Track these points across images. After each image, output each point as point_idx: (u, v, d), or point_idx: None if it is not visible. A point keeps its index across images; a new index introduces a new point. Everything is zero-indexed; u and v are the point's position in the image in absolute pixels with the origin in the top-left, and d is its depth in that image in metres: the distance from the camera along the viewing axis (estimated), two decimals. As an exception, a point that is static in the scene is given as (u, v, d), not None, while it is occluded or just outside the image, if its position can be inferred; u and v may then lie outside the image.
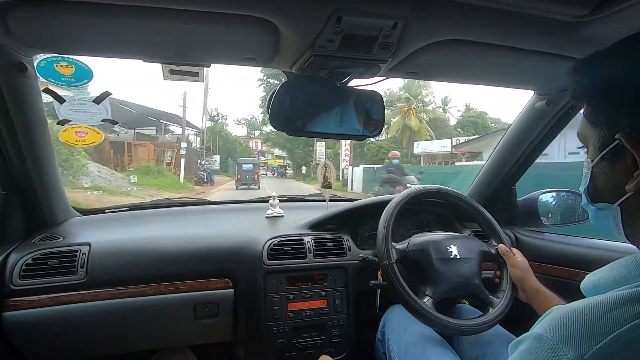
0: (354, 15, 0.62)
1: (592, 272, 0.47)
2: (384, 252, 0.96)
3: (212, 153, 26.38)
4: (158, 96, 57.67)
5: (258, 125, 37.50)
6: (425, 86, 26.13)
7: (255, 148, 40.66)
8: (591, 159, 0.47)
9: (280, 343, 1.10)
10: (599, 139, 0.45)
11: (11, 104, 0.88)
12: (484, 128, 25.60)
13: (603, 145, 0.45)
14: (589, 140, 0.48)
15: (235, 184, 14.44)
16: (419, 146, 21.50)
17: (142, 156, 15.61)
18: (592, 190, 0.49)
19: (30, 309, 0.96)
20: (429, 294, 0.94)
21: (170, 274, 1.08)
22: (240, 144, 36.11)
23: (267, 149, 41.04)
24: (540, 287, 0.92)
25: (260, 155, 37.20)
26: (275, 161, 36.87)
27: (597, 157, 0.46)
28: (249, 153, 33.92)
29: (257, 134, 40.36)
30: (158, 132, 20.08)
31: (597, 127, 0.46)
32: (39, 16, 0.64)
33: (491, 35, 0.73)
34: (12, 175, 1.01)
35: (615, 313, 0.36)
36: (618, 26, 0.62)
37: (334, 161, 17.75)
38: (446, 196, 1.15)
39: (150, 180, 12.80)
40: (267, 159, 38.27)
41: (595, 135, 0.46)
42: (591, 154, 0.48)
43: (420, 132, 23.16)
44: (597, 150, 0.46)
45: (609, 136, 0.44)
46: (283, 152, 34.16)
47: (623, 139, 0.42)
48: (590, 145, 0.48)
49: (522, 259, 0.99)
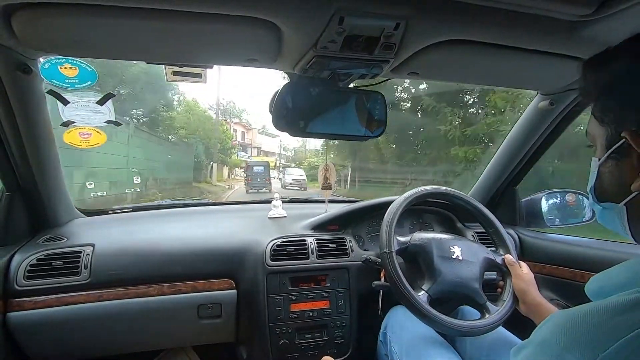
0: (356, 15, 0.62)
1: (597, 274, 0.46)
2: (385, 241, 0.95)
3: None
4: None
5: (237, 112, 28.62)
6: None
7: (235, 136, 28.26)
8: (598, 158, 0.47)
9: (283, 344, 1.10)
10: (606, 137, 0.45)
11: (15, 105, 0.89)
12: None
13: (610, 143, 0.44)
14: (596, 139, 0.47)
15: (245, 187, 14.26)
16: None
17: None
18: (598, 189, 0.48)
19: (34, 309, 0.97)
20: (425, 288, 0.93)
21: (173, 275, 1.08)
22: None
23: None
24: (542, 300, 0.90)
25: (241, 151, 28.91)
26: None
27: (603, 156, 0.45)
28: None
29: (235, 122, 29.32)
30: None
31: (604, 125, 0.45)
32: (43, 18, 0.65)
33: (494, 35, 0.73)
34: (16, 177, 1.02)
35: (621, 319, 0.35)
36: (622, 26, 0.62)
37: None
38: (449, 197, 1.15)
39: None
40: (250, 156, 30.19)
41: (603, 134, 0.45)
42: (598, 152, 0.47)
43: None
44: (604, 148, 0.45)
45: (615, 134, 0.43)
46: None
47: (629, 136, 0.41)
48: (598, 144, 0.47)
49: (527, 272, 0.97)
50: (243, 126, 31.68)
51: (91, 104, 1.01)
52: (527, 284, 0.94)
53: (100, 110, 1.02)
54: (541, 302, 0.90)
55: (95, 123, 1.04)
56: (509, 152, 1.33)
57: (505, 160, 1.35)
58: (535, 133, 1.23)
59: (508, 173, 1.36)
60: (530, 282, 0.94)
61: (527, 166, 1.34)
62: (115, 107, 1.03)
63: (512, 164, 1.34)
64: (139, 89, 11.10)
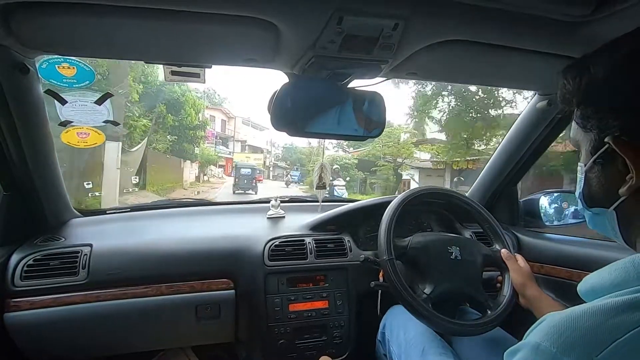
0: (354, 15, 0.62)
1: (590, 275, 0.45)
2: (384, 247, 0.95)
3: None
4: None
5: (217, 100, 23.16)
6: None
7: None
8: (584, 163, 0.47)
9: (281, 344, 1.10)
10: (590, 143, 0.45)
11: (13, 105, 0.88)
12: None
13: (594, 149, 0.44)
14: (581, 145, 0.47)
15: (232, 187, 14.61)
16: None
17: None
18: (587, 194, 0.48)
19: (31, 309, 0.96)
20: (426, 292, 0.93)
21: (171, 275, 1.08)
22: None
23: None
24: (541, 293, 0.91)
25: (221, 144, 23.45)
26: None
27: (589, 162, 0.45)
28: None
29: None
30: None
31: (587, 132, 0.45)
32: (41, 17, 0.65)
33: (492, 35, 0.73)
34: (13, 177, 1.02)
35: (615, 320, 0.35)
36: (619, 26, 0.62)
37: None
38: (447, 197, 1.15)
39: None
40: (232, 151, 24.99)
41: (587, 140, 0.45)
42: (583, 158, 0.47)
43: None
44: (588, 154, 0.45)
45: (599, 140, 0.43)
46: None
47: (612, 142, 0.41)
48: (583, 150, 0.47)
49: (524, 265, 0.98)
50: (223, 113, 23.76)
51: (89, 104, 1.01)
52: (524, 277, 0.95)
53: (98, 110, 1.02)
54: (540, 295, 0.91)
55: (93, 123, 1.03)
56: (508, 152, 1.33)
57: (504, 160, 1.35)
58: (534, 133, 1.23)
59: (507, 173, 1.37)
60: (528, 275, 0.96)
61: (525, 166, 1.35)
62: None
63: (510, 164, 1.34)
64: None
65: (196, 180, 15.52)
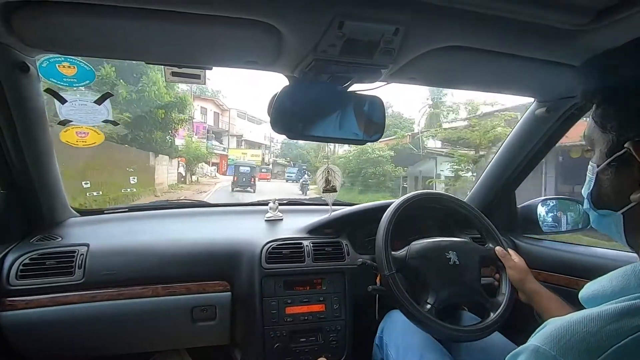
0: (355, 20, 0.63)
1: (591, 282, 0.46)
2: (383, 263, 0.95)
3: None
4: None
5: (210, 94, 21.14)
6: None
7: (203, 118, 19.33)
8: (597, 164, 0.46)
9: (277, 347, 1.10)
10: (607, 144, 0.44)
11: (12, 103, 0.88)
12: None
13: (611, 151, 0.43)
14: (595, 144, 0.46)
15: (231, 185, 14.60)
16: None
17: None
18: (596, 195, 0.47)
19: (27, 309, 0.96)
20: (430, 302, 0.93)
21: (168, 276, 1.08)
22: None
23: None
24: (540, 287, 0.92)
25: (214, 139, 20.49)
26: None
27: (603, 163, 0.44)
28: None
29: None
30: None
31: (606, 132, 0.44)
32: (42, 16, 0.65)
33: (492, 42, 0.74)
34: (11, 175, 1.01)
35: (614, 326, 0.35)
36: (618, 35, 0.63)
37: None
38: (444, 202, 1.15)
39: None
40: (227, 147, 22.24)
41: (604, 140, 0.44)
42: (597, 158, 0.46)
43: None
44: (604, 155, 0.44)
45: (617, 142, 0.42)
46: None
47: (632, 147, 0.40)
48: (597, 150, 0.46)
49: (519, 261, 0.98)
50: (215, 104, 21.27)
51: (89, 103, 1.00)
52: (521, 272, 0.95)
53: (97, 109, 1.02)
54: (540, 289, 0.91)
55: (93, 122, 1.03)
56: (506, 159, 1.33)
57: (502, 166, 1.36)
58: (532, 140, 1.24)
59: (505, 179, 1.37)
60: (525, 270, 0.96)
61: (523, 172, 1.35)
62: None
63: (508, 170, 1.35)
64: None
65: (180, 182, 11.64)
